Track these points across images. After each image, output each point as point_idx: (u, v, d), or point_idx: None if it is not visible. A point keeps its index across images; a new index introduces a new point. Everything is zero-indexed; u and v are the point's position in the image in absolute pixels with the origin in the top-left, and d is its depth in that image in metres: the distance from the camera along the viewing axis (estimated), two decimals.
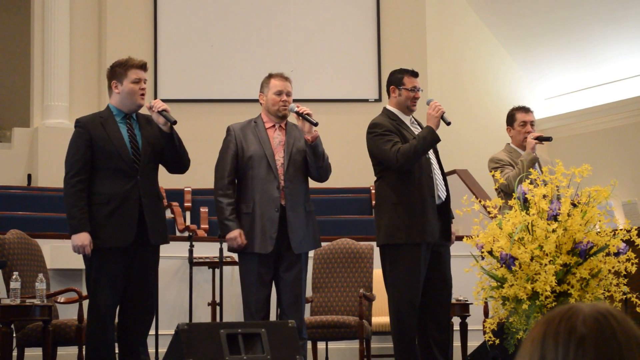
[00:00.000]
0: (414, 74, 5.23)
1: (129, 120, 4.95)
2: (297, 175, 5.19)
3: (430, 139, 4.99)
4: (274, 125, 5.26)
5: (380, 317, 6.79)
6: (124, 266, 4.84)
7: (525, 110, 5.84)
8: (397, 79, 5.23)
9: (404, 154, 4.97)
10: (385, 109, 5.28)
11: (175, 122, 4.87)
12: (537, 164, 5.64)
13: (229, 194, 5.17)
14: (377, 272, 6.49)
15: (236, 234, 5.09)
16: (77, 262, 6.22)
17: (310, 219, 5.23)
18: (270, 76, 5.29)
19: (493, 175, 4.95)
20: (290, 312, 5.07)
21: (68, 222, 4.81)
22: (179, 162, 5.01)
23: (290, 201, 5.12)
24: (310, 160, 5.16)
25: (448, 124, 4.99)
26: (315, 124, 5.08)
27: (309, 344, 6.48)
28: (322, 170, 5.23)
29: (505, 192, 5.46)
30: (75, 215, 4.78)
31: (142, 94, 4.93)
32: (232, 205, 5.15)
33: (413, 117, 5.27)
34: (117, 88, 4.92)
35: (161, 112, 4.84)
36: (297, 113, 5.11)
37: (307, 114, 5.10)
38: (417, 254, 5.00)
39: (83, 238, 4.76)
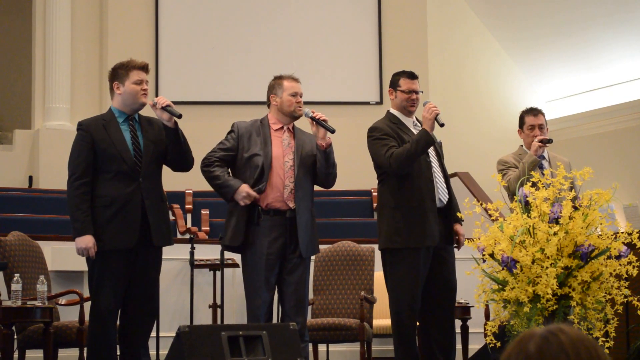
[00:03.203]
0: (411, 76, 5.22)
1: (131, 122, 4.95)
2: (305, 179, 5.15)
3: (424, 141, 4.97)
4: (282, 127, 5.21)
5: (381, 319, 6.79)
6: (127, 268, 4.84)
7: (535, 113, 5.78)
8: (394, 81, 5.25)
9: (396, 158, 4.97)
10: (387, 111, 5.29)
11: (180, 116, 4.85)
12: (548, 165, 5.63)
13: (219, 164, 5.11)
14: (378, 275, 6.49)
15: (245, 187, 4.99)
16: (78, 264, 6.23)
17: (314, 224, 5.21)
18: (281, 77, 5.23)
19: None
20: (293, 315, 5.05)
21: (72, 225, 4.81)
22: (184, 159, 5.00)
23: (299, 204, 5.10)
24: (321, 166, 5.12)
25: (441, 125, 4.97)
26: (332, 131, 5.03)
27: (310, 346, 6.48)
28: (331, 177, 5.20)
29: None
30: (78, 218, 4.78)
31: (144, 94, 4.93)
32: (225, 172, 5.09)
33: (416, 119, 5.26)
34: (119, 89, 4.92)
35: (165, 108, 4.84)
36: (313, 118, 5.07)
37: (324, 120, 5.06)
38: (416, 258, 5.00)
39: (87, 241, 4.76)
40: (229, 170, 5.18)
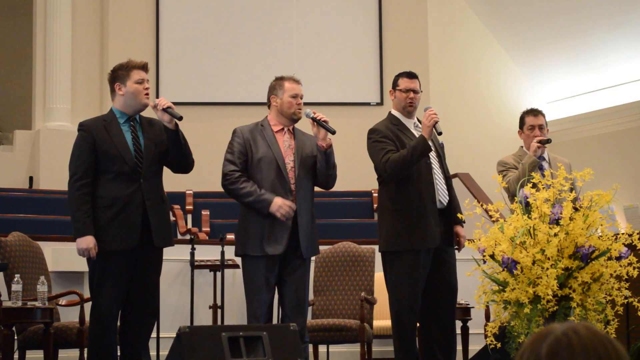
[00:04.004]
0: (409, 75, 5.22)
1: (132, 122, 4.95)
2: (306, 180, 5.14)
3: (421, 148, 4.96)
4: (282, 129, 5.18)
5: (382, 320, 6.79)
6: (127, 269, 4.84)
7: (535, 114, 5.77)
8: (394, 81, 5.26)
9: (392, 164, 4.96)
10: (389, 112, 5.29)
11: (180, 118, 4.85)
12: (548, 166, 5.63)
13: (245, 179, 5.06)
14: (379, 276, 6.49)
15: (279, 200, 4.96)
16: (79, 265, 6.23)
17: (315, 225, 5.21)
18: (282, 78, 5.20)
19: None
20: (293, 316, 5.05)
21: (73, 226, 4.82)
22: (184, 161, 4.99)
23: (300, 205, 5.09)
24: (321, 167, 5.11)
25: (439, 133, 4.97)
26: (333, 132, 5.01)
27: (310, 347, 6.48)
28: (331, 178, 5.19)
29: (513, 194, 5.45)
30: (79, 219, 4.78)
31: (147, 94, 4.94)
32: (254, 185, 5.03)
33: (418, 120, 5.25)
34: (120, 90, 4.92)
35: (166, 110, 4.84)
36: (314, 119, 5.05)
37: (324, 121, 5.04)
38: (416, 260, 5.00)
39: (88, 241, 4.76)
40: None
